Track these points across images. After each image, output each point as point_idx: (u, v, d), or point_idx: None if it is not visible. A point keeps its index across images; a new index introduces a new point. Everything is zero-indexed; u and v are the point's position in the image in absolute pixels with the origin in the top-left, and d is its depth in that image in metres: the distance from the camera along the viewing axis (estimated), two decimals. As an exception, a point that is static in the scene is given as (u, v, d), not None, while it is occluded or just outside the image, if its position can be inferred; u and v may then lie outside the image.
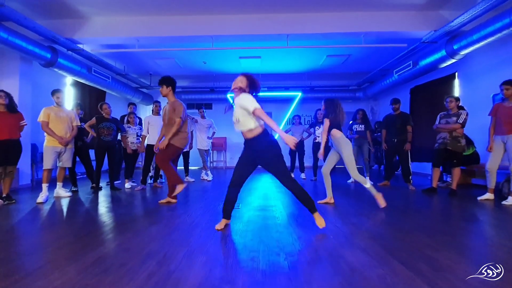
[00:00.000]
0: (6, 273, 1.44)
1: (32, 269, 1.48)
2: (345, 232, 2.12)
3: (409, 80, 5.90)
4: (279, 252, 1.73)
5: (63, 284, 1.29)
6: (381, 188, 4.39)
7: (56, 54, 4.54)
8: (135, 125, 4.45)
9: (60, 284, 1.28)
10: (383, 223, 2.40)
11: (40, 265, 1.53)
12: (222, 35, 4.27)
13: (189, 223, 2.39)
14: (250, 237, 2.01)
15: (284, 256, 1.67)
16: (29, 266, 1.53)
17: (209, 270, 1.45)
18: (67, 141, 3.61)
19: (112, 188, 4.15)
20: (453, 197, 3.66)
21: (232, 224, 2.34)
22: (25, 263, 1.58)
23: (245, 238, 2.00)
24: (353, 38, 4.46)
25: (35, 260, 1.63)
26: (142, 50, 4.62)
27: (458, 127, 3.70)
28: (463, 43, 4.25)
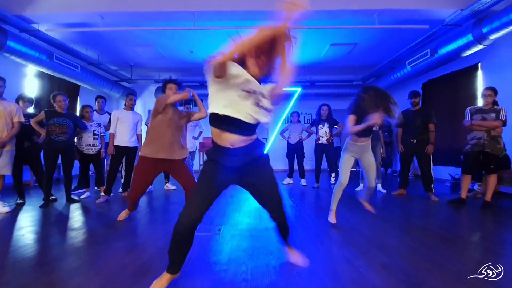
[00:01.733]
0: None
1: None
2: (370, 280, 1.36)
3: (423, 73, 5.19)
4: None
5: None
6: (396, 198, 3.67)
7: (5, 35, 3.72)
8: (91, 122, 3.63)
9: None
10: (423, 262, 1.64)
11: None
12: (205, 11, 3.47)
13: (138, 266, 1.60)
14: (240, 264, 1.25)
15: None
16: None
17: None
18: (2, 142, 2.81)
19: (69, 200, 3.34)
20: (488, 210, 2.96)
21: (203, 266, 1.57)
22: None
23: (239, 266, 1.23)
24: (365, 18, 3.72)
25: None
26: (108, 29, 3.82)
27: (499, 125, 2.99)
28: (494, 24, 3.55)
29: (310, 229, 2.27)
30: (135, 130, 3.76)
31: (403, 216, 2.87)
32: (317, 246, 1.89)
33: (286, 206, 1.45)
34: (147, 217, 2.78)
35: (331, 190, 4.18)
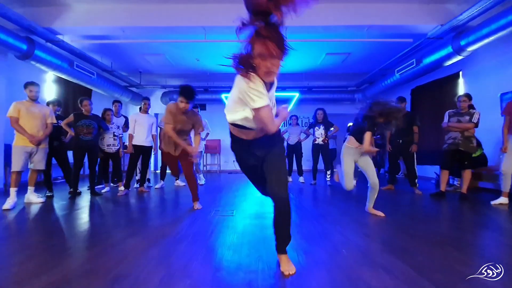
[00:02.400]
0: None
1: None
2: (360, 246, 1.78)
3: (411, 80, 5.67)
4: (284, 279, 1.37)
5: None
6: (386, 193, 4.10)
7: (33, 45, 4.13)
8: (111, 124, 4.04)
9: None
10: (400, 233, 2.07)
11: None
12: (215, 26, 3.94)
13: (173, 235, 2.01)
14: (246, 252, 1.65)
15: (290, 279, 1.32)
16: None
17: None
18: (39, 140, 3.20)
19: (93, 193, 3.73)
20: (465, 201, 3.39)
21: (225, 236, 1.98)
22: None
23: (240, 253, 1.64)
24: (356, 31, 4.20)
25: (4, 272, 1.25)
26: (128, 41, 4.26)
27: (472, 127, 3.44)
28: (471, 38, 4.02)
29: (308, 215, 2.68)
30: (150, 131, 4.17)
31: (388, 204, 3.29)
32: (315, 225, 2.30)
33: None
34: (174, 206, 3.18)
35: (327, 187, 4.65)
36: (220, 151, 8.10)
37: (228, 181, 5.70)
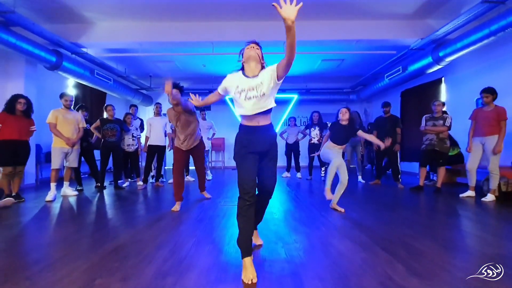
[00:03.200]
0: (35, 261, 1.64)
1: (56, 258, 1.67)
2: (336, 225, 2.35)
3: (399, 84, 6.18)
4: (276, 241, 1.95)
5: (88, 268, 1.48)
6: (372, 187, 4.66)
7: (61, 57, 4.69)
8: (131, 126, 4.61)
9: (86, 269, 1.48)
10: (371, 216, 2.64)
11: (63, 255, 1.72)
12: (222, 41, 4.48)
13: (194, 217, 2.59)
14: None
15: (281, 244, 1.89)
16: (54, 255, 1.73)
17: (216, 256, 1.67)
18: (73, 142, 3.77)
19: (116, 187, 4.32)
20: (438, 194, 3.93)
21: (233, 219, 2.56)
22: (51, 253, 1.78)
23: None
24: (346, 44, 4.72)
25: (58, 250, 1.82)
26: (144, 54, 4.80)
27: (445, 130, 3.97)
28: (448, 50, 4.53)
29: (305, 205, 3.25)
30: (164, 131, 4.74)
31: (372, 196, 3.85)
32: (309, 213, 2.87)
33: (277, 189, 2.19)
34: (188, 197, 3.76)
35: (321, 181, 5.21)
36: (224, 148, 8.67)
37: (232, 176, 6.28)
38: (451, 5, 4.23)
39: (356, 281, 1.33)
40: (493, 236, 2.07)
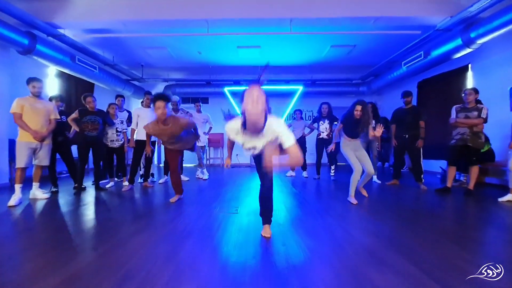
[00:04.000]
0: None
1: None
2: (364, 243, 1.78)
3: (418, 73, 5.55)
4: (288, 275, 1.37)
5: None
6: (390, 188, 4.07)
7: (35, 40, 4.09)
8: (116, 119, 4.02)
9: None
10: (404, 230, 2.06)
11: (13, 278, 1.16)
12: (218, 19, 3.85)
13: (181, 230, 2.02)
14: (252, 253, 1.65)
15: (293, 274, 1.32)
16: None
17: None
18: (43, 136, 3.20)
19: (97, 188, 3.76)
20: (470, 197, 3.36)
21: (231, 234, 1.98)
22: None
23: (246, 253, 1.64)
24: (362, 24, 4.09)
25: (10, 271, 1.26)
26: (129, 35, 4.19)
27: (480, 122, 3.38)
28: (481, 30, 3.90)
29: (312, 210, 2.68)
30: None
31: (394, 200, 3.27)
32: (318, 220, 2.30)
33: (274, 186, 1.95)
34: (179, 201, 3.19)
35: (330, 181, 4.63)
36: (223, 144, 8.08)
37: (231, 175, 5.71)
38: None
39: None
40: None
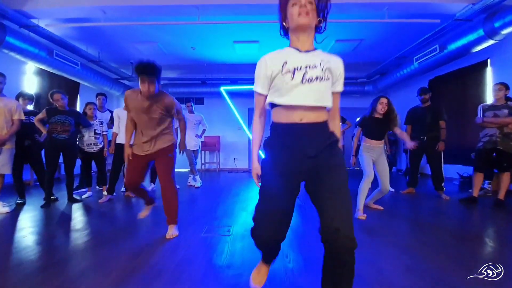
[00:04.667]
0: None
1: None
2: (380, 268, 1.31)
3: (430, 69, 5.09)
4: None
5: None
6: (406, 198, 3.59)
7: (4, 31, 3.61)
8: (94, 119, 3.52)
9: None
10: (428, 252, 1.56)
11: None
12: (210, 5, 3.37)
13: (152, 265, 1.52)
14: None
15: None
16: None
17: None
18: (2, 140, 2.71)
19: (70, 199, 3.26)
20: (501, 209, 2.89)
21: (218, 270, 1.49)
22: None
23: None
24: (374, 11, 3.62)
25: None
26: (109, 24, 3.70)
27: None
28: (507, 19, 3.45)
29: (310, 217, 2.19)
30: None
31: (412, 213, 2.79)
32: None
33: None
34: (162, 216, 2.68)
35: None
36: (220, 148, 7.59)
37: (227, 182, 5.20)
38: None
39: None
40: None
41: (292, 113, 0.98)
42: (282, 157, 0.98)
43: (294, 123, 0.98)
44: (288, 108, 0.99)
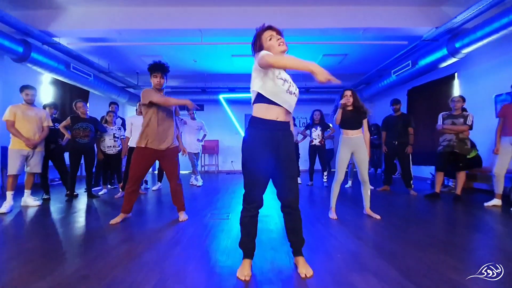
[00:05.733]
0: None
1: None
2: (352, 250, 1.81)
3: (407, 81, 5.70)
4: (273, 279, 1.41)
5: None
6: (382, 194, 4.13)
7: (29, 48, 4.13)
8: (113, 126, 4.05)
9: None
10: (392, 236, 2.10)
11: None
12: (212, 29, 3.95)
13: (168, 239, 2.04)
14: (240, 258, 1.68)
15: (280, 284, 1.35)
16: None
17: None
18: (35, 143, 3.21)
19: (90, 195, 3.75)
20: (458, 203, 3.43)
21: (220, 240, 2.01)
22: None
23: (234, 259, 1.67)
24: (352, 34, 4.22)
25: None
26: (124, 44, 4.26)
27: (466, 129, 3.47)
28: (465, 41, 4.05)
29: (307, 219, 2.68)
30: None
31: (383, 206, 3.32)
32: (310, 228, 2.33)
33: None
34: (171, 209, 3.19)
35: (323, 188, 4.69)
36: (218, 151, 8.12)
37: (225, 182, 5.72)
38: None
39: None
40: None
41: (272, 111, 1.36)
42: (261, 143, 1.37)
43: (271, 120, 1.38)
44: (269, 107, 1.36)
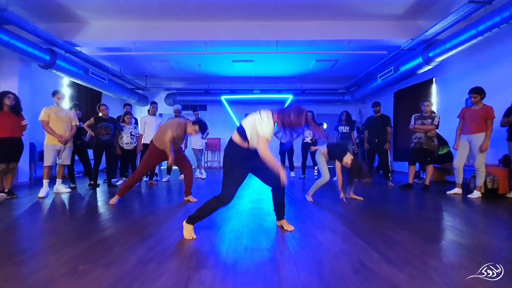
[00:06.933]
0: (22, 250, 1.68)
1: (43, 248, 1.72)
2: (321, 219, 2.41)
3: (392, 84, 6.26)
4: (261, 233, 2.00)
5: (73, 257, 1.52)
6: (363, 185, 4.71)
7: (55, 56, 4.73)
8: (130, 125, 4.66)
9: (71, 257, 1.51)
10: (356, 211, 2.69)
11: (50, 245, 1.76)
12: (215, 41, 4.54)
13: (184, 212, 2.64)
14: (237, 222, 2.27)
15: (265, 235, 1.94)
16: (41, 245, 1.77)
17: (200, 246, 1.72)
18: (66, 140, 3.80)
19: (109, 185, 4.35)
20: (426, 191, 3.99)
21: (222, 213, 2.60)
22: (38, 243, 1.82)
23: (233, 224, 2.26)
24: (338, 45, 4.79)
25: (45, 241, 1.87)
26: (138, 53, 4.85)
27: (433, 128, 4.05)
28: (437, 51, 4.61)
29: (296, 203, 3.30)
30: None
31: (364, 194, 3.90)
32: (298, 209, 2.92)
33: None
34: (180, 194, 3.78)
35: (314, 180, 5.26)
36: (220, 148, 8.71)
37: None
38: (441, 5, 4.31)
39: (330, 266, 1.38)
40: (472, 229, 2.13)
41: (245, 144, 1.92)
42: (242, 159, 1.92)
43: (247, 148, 1.92)
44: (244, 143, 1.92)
